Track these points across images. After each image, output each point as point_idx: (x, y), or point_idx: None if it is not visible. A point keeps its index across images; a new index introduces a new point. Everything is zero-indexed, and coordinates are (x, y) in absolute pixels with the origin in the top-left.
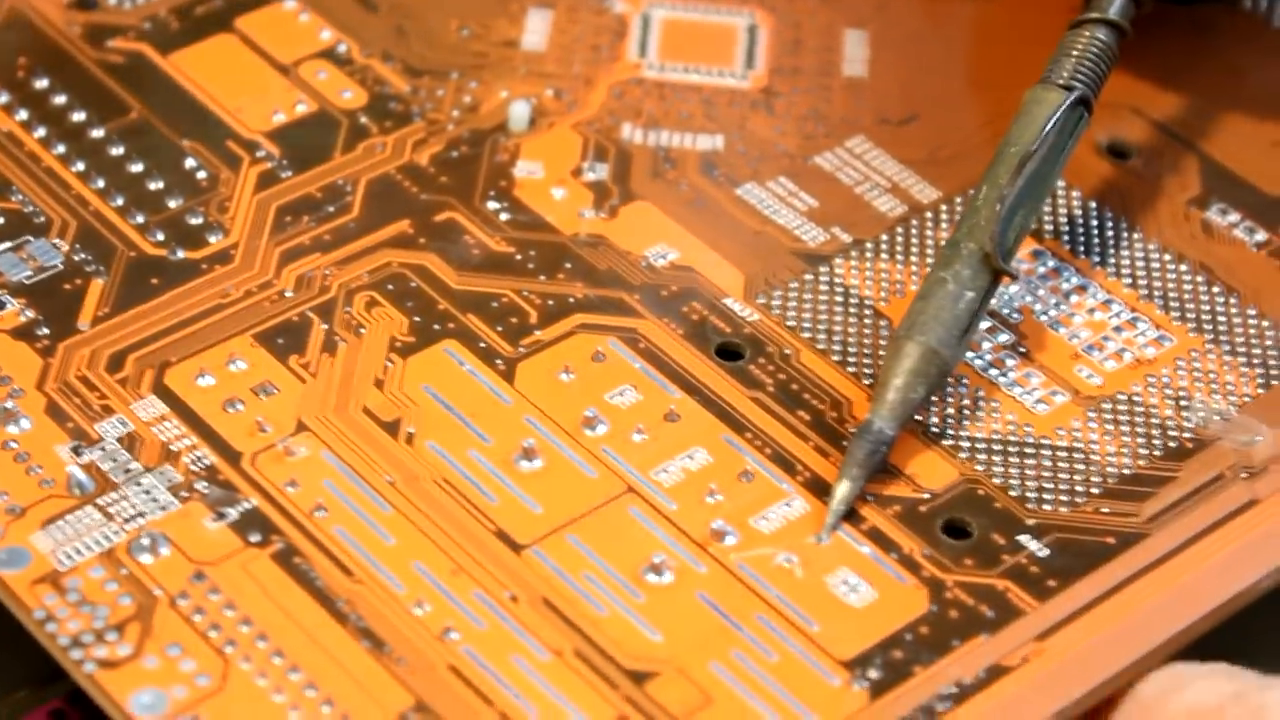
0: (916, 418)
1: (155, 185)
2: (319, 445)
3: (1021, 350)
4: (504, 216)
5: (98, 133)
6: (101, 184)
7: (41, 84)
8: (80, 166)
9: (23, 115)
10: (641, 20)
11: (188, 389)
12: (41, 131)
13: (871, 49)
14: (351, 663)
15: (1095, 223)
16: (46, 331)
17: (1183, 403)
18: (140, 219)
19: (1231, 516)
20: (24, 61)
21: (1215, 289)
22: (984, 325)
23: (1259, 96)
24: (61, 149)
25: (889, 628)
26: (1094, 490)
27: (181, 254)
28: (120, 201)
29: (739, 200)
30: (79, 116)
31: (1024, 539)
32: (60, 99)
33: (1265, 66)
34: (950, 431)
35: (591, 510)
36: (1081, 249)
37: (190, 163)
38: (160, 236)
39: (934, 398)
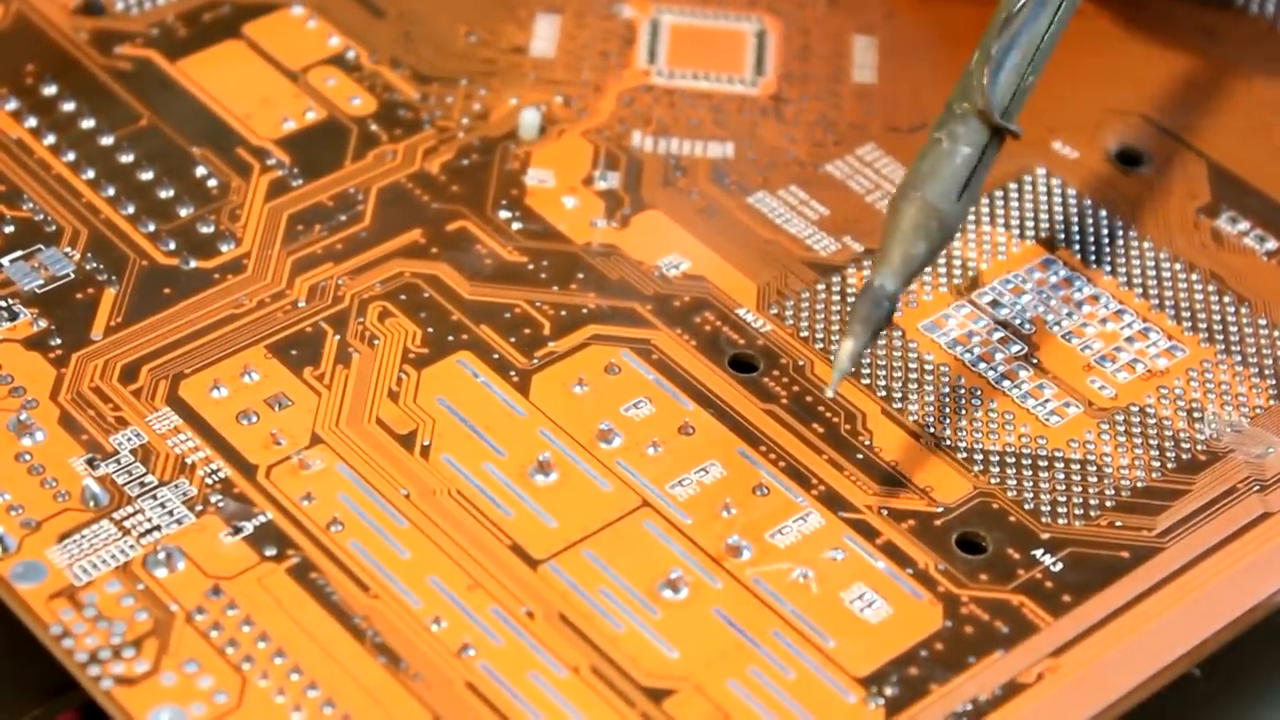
0: (929, 430)
1: (166, 193)
2: (334, 458)
3: (1034, 361)
4: (516, 226)
5: (107, 140)
6: (112, 192)
7: (50, 90)
8: (90, 174)
9: (31, 122)
10: (650, 26)
11: (202, 401)
12: (51, 139)
13: (880, 55)
14: (369, 679)
15: (1106, 231)
16: (59, 341)
17: (1195, 415)
18: (151, 227)
19: (1245, 530)
20: (31, 68)
21: (1226, 299)
22: (996, 336)
23: (1268, 103)
24: (71, 156)
25: (904, 644)
26: (1108, 504)
27: (194, 263)
28: (131, 210)
29: (750, 209)
30: (88, 123)
31: (1038, 553)
32: (69, 106)
33: (1275, 73)
34: (964, 444)
35: (607, 525)
36: (1093, 258)
37: (200, 170)
38: (172, 245)
39: (948, 409)
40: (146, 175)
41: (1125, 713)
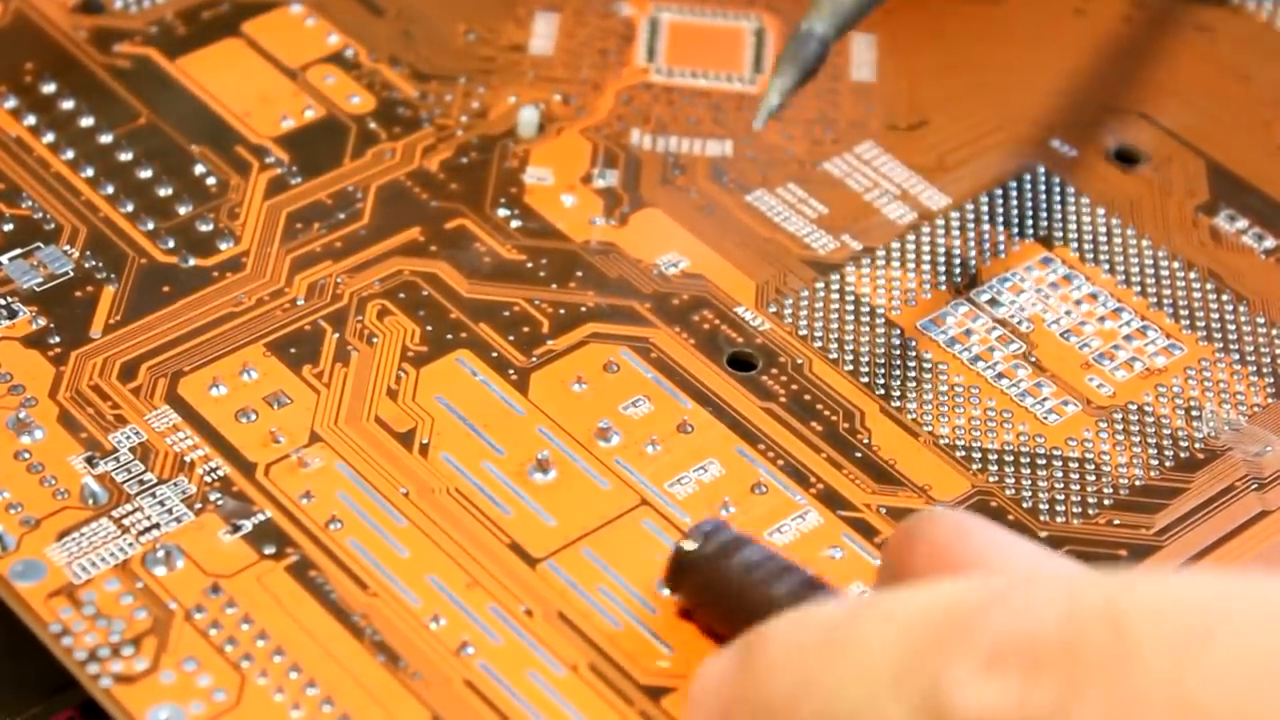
0: (928, 428)
1: (164, 191)
2: (333, 456)
3: (1032, 359)
4: (514, 224)
5: (106, 138)
6: (111, 190)
7: (49, 89)
8: (89, 172)
9: (30, 120)
10: (649, 24)
11: (201, 399)
12: (50, 137)
13: (879, 53)
14: (368, 678)
15: (1104, 229)
16: (58, 339)
17: (1193, 413)
18: (150, 225)
19: (1243, 528)
20: (31, 66)
21: (1224, 297)
22: (995, 334)
23: (1266, 101)
24: (70, 154)
25: None
26: (1106, 502)
27: (192, 261)
28: (130, 208)
29: (749, 207)
30: (87, 121)
31: None
32: (68, 104)
33: (1273, 71)
34: (962, 443)
35: (605, 523)
36: (1090, 256)
37: (199, 168)
38: (171, 243)
39: (946, 408)
40: (145, 173)
41: None
